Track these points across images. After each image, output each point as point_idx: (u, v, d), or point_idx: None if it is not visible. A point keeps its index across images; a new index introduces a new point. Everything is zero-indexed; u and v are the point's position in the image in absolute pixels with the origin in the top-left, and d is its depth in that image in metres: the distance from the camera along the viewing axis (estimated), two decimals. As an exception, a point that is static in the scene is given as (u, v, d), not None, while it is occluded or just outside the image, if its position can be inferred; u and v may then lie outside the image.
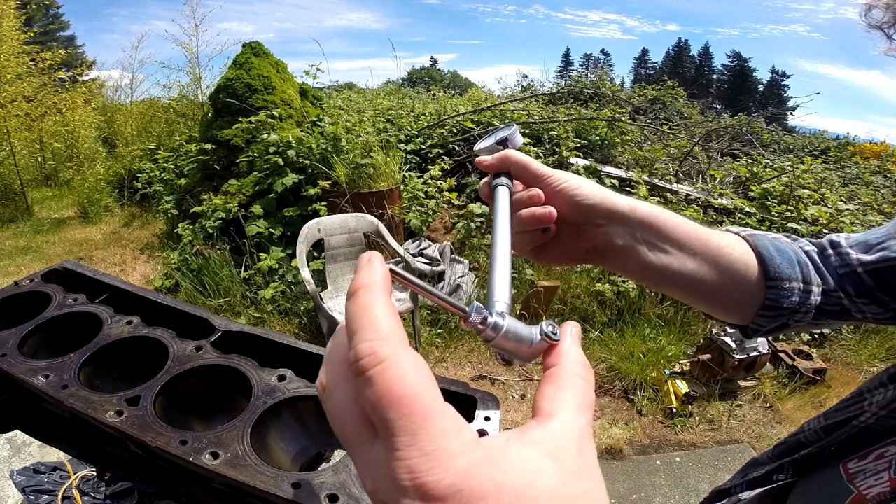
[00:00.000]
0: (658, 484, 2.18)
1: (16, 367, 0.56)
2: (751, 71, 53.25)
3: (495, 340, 0.24)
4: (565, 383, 0.23)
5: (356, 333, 0.21)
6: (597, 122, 5.47)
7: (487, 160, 0.48)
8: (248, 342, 0.64)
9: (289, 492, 0.42)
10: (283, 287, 3.31)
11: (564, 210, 0.46)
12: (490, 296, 0.28)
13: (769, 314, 0.48)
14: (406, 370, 0.19)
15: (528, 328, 0.25)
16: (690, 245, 0.47)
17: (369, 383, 0.19)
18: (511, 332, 0.24)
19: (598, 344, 3.06)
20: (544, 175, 0.46)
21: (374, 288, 0.22)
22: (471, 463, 0.18)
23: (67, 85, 7.34)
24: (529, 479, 0.18)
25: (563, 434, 0.21)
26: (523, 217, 0.46)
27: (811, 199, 4.09)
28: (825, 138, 12.05)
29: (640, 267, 0.47)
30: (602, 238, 0.47)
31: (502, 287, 0.29)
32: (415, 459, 0.18)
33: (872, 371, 3.16)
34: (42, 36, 16.38)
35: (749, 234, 0.50)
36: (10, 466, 1.78)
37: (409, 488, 0.18)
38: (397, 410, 0.19)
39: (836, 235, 0.51)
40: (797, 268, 0.48)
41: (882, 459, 0.44)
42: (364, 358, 0.20)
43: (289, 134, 3.84)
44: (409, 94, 9.56)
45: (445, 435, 0.19)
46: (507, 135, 0.51)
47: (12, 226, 5.41)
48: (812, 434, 0.55)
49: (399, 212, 3.71)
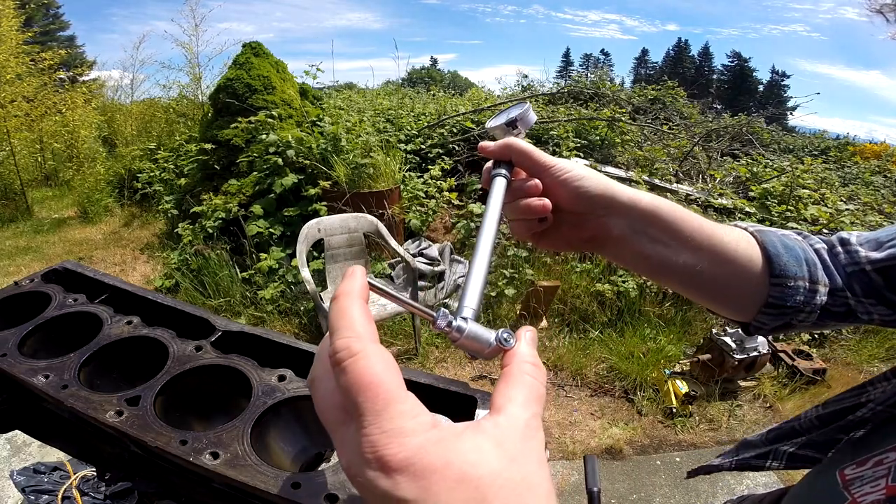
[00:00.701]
0: (658, 484, 2.18)
1: (16, 367, 0.56)
2: (751, 71, 53.27)
3: (459, 341, 0.28)
4: (516, 381, 0.26)
5: (335, 332, 0.24)
6: (597, 122, 5.47)
7: (490, 147, 0.48)
8: (248, 342, 0.64)
9: (289, 492, 0.42)
10: (283, 287, 3.31)
11: (565, 200, 0.47)
12: (461, 300, 0.31)
13: (772, 312, 0.47)
14: (374, 362, 0.23)
15: (488, 332, 0.28)
16: (692, 238, 0.46)
17: (343, 372, 0.23)
18: (472, 335, 0.28)
19: (598, 344, 3.06)
20: (547, 165, 0.46)
21: (352, 294, 0.26)
22: (426, 440, 0.21)
23: (67, 85, 7.34)
24: (474, 460, 0.21)
25: (508, 425, 0.24)
26: (520, 207, 0.46)
27: (811, 199, 4.08)
28: (825, 138, 12.04)
29: (637, 258, 0.47)
30: (601, 229, 0.47)
31: (473, 294, 0.32)
32: (376, 436, 0.21)
33: (872, 371, 3.16)
34: (42, 36, 16.39)
35: (757, 229, 0.49)
36: (10, 466, 1.78)
37: (371, 460, 0.21)
38: (364, 394, 0.22)
39: (846, 233, 0.49)
40: (804, 266, 0.46)
41: (881, 466, 0.43)
42: (340, 351, 0.23)
43: (288, 134, 3.84)
44: (409, 94, 9.56)
45: (403, 416, 0.22)
46: (518, 115, 0.50)
47: (12, 226, 5.41)
48: (808, 422, 0.54)
49: (399, 212, 3.71)
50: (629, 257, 0.48)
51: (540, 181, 0.47)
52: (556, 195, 0.47)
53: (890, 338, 3.35)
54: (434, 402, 0.54)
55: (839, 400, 0.51)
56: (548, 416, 2.55)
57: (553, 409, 2.61)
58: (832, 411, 0.51)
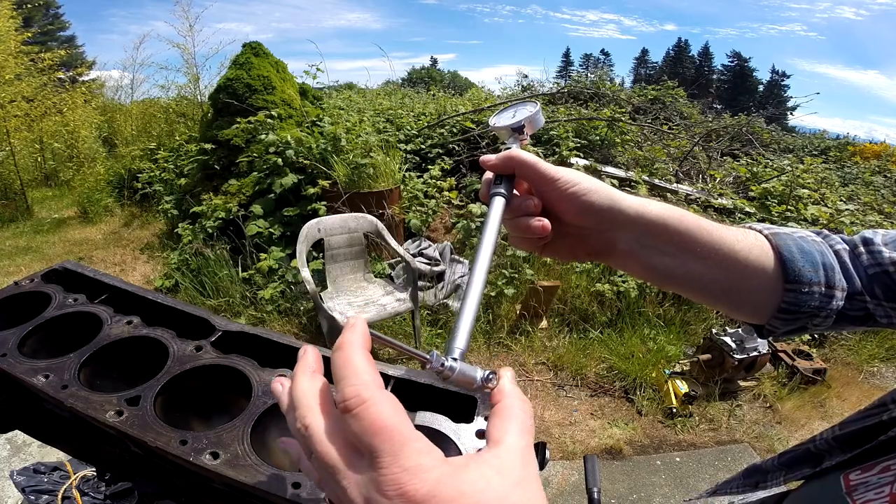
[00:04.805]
0: (658, 484, 2.18)
1: (16, 367, 0.56)
2: (751, 71, 53.26)
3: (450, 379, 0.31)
4: (508, 415, 0.29)
5: (342, 380, 0.26)
6: (597, 122, 5.47)
7: (491, 160, 0.46)
8: (248, 342, 0.64)
9: (289, 492, 0.42)
10: (283, 287, 3.31)
11: (570, 213, 0.46)
12: (450, 340, 0.34)
13: (786, 317, 0.45)
14: (384, 407, 0.25)
15: (475, 370, 0.32)
16: (700, 249, 0.45)
17: (356, 418, 0.24)
18: (461, 374, 0.31)
19: (597, 344, 3.06)
20: (552, 178, 0.45)
21: (354, 344, 0.27)
22: (441, 475, 0.24)
23: (67, 85, 7.34)
24: (482, 488, 0.24)
25: (508, 455, 0.26)
26: (520, 225, 0.46)
27: (811, 199, 4.09)
28: (825, 138, 12.05)
29: (644, 269, 0.47)
30: (606, 243, 0.47)
31: (463, 333, 0.35)
32: (397, 474, 0.23)
33: (872, 371, 3.16)
34: (42, 36, 16.39)
35: (772, 232, 0.47)
36: (10, 466, 1.78)
37: (395, 496, 0.23)
38: (380, 437, 0.24)
39: (870, 232, 0.47)
40: (821, 271, 0.45)
41: (888, 472, 0.42)
42: (350, 399, 0.25)
43: (288, 134, 3.84)
44: (408, 94, 9.56)
45: (420, 453, 0.24)
46: (525, 119, 0.48)
47: (12, 226, 5.40)
48: (824, 443, 0.52)
49: (399, 212, 3.71)
50: (636, 269, 0.48)
51: (545, 194, 0.46)
52: (561, 208, 0.46)
53: (890, 338, 3.35)
54: (434, 402, 0.54)
55: (858, 420, 0.49)
56: (548, 416, 2.55)
57: (553, 409, 2.61)
58: (852, 432, 0.49)
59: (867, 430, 0.47)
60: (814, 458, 0.53)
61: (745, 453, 2.39)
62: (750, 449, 2.42)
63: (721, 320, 3.26)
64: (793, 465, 0.56)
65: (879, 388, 2.99)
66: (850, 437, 0.49)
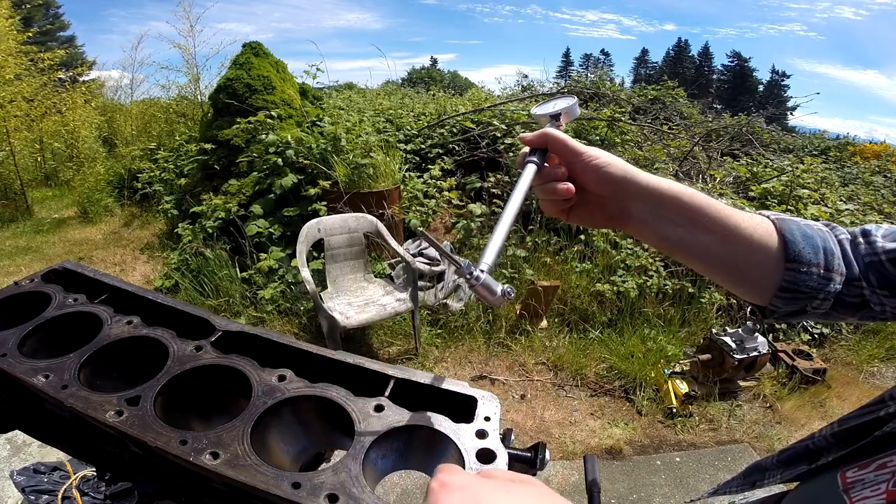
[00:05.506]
0: (658, 484, 2.18)
1: (16, 367, 0.56)
2: (751, 71, 53.25)
3: (475, 287, 0.37)
4: None
5: None
6: (597, 122, 5.47)
7: (528, 136, 0.56)
8: (248, 342, 0.63)
9: (289, 492, 0.42)
10: (283, 287, 3.31)
11: (592, 182, 0.53)
12: (481, 257, 0.40)
13: (786, 296, 0.48)
14: None
15: (497, 284, 0.38)
16: (709, 222, 0.50)
17: None
18: (485, 284, 0.37)
19: (597, 344, 3.06)
20: (578, 152, 0.53)
21: None
22: None
23: (67, 85, 7.34)
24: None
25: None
26: (548, 188, 0.54)
27: (811, 199, 4.08)
28: (825, 138, 12.03)
29: (655, 238, 0.53)
30: (622, 210, 0.54)
31: (491, 253, 0.41)
32: None
33: (872, 371, 3.16)
34: (41, 36, 16.39)
35: (778, 217, 0.51)
36: (10, 466, 1.78)
37: None
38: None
39: (872, 225, 0.51)
40: (821, 254, 0.48)
41: (884, 470, 0.42)
42: None
43: (288, 134, 3.84)
44: (408, 94, 9.55)
45: None
46: (564, 109, 0.58)
47: (12, 226, 5.40)
48: (822, 440, 0.53)
49: (399, 212, 3.71)
50: (650, 237, 0.53)
51: (572, 166, 0.54)
52: (585, 178, 0.54)
53: (890, 338, 3.35)
54: (434, 402, 0.54)
55: (856, 416, 0.50)
56: (548, 416, 2.55)
57: (553, 409, 2.61)
58: (849, 428, 0.50)
59: (865, 426, 0.48)
60: (812, 454, 0.54)
61: (745, 453, 2.39)
62: (750, 449, 2.42)
63: (721, 320, 3.26)
64: (791, 462, 0.57)
65: (879, 387, 2.99)
66: (849, 434, 0.50)
